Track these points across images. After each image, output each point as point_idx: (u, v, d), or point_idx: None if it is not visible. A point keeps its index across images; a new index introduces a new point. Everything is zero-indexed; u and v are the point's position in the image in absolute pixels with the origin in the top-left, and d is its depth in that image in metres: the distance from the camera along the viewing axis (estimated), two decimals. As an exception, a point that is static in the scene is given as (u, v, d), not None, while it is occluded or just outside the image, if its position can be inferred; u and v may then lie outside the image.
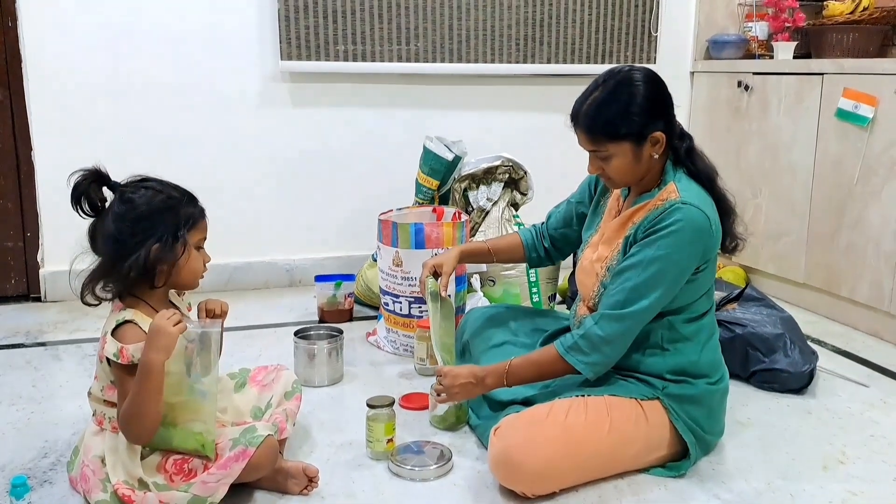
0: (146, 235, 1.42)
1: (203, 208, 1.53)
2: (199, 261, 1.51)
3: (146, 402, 1.37)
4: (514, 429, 1.58)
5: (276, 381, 1.71)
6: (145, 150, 2.79)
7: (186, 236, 1.46)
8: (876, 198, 2.52)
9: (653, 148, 1.61)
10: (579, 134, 1.63)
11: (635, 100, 1.58)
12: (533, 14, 3.04)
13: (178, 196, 1.48)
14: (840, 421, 1.96)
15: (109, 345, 1.41)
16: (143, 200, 1.45)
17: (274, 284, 3.06)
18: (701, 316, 1.68)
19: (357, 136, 3.04)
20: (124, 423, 1.40)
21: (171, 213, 1.45)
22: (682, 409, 1.65)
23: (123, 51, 2.75)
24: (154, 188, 1.47)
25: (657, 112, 1.60)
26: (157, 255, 1.43)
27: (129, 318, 1.44)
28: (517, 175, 2.70)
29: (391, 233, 2.32)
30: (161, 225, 1.43)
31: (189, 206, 1.49)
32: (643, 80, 1.60)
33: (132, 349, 1.40)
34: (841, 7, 3.04)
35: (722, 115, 3.17)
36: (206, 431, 1.43)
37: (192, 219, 1.48)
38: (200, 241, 1.52)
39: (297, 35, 2.82)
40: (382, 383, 2.14)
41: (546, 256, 2.02)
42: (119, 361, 1.40)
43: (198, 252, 1.51)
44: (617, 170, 1.63)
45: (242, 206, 2.95)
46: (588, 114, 1.60)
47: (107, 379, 1.47)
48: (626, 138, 1.59)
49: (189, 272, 1.49)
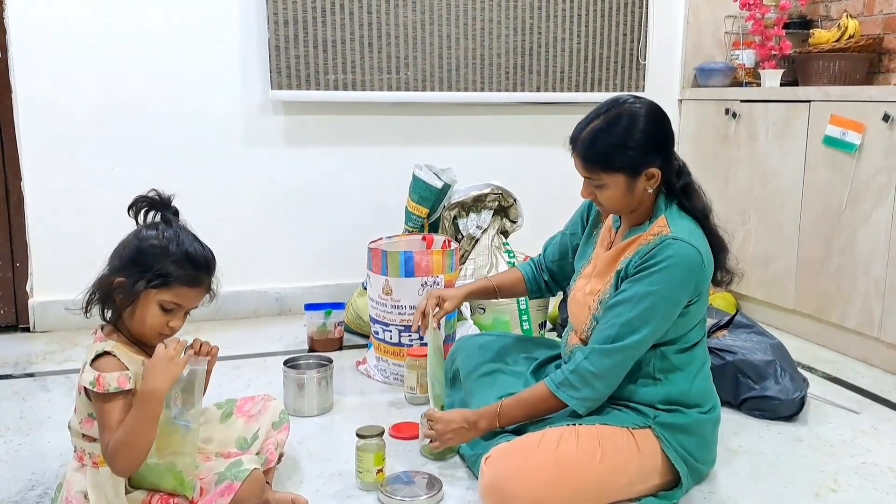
0: (124, 267, 1.43)
1: (200, 277, 1.46)
2: (157, 319, 1.44)
3: (141, 432, 1.35)
4: (505, 458, 1.57)
5: (263, 412, 1.69)
6: (135, 180, 2.77)
7: (145, 289, 1.41)
8: (864, 223, 2.53)
9: (647, 182, 1.62)
10: (576, 159, 1.64)
11: (634, 135, 1.58)
12: (522, 43, 3.07)
13: (171, 251, 1.43)
14: (831, 448, 1.95)
15: (86, 374, 1.39)
16: (143, 236, 1.45)
17: (263, 313, 3.04)
18: (693, 346, 1.68)
19: (347, 163, 3.05)
20: (114, 451, 1.36)
21: (151, 259, 1.42)
22: (674, 438, 1.64)
23: (113, 81, 2.76)
24: (161, 231, 1.46)
25: (655, 148, 1.61)
26: (115, 288, 1.43)
27: (108, 350, 1.42)
28: (507, 203, 2.71)
29: (381, 261, 2.32)
30: (137, 265, 1.42)
31: (176, 265, 1.43)
32: (644, 115, 1.60)
33: (109, 377, 1.38)
34: (827, 35, 3.08)
35: (710, 142, 3.20)
36: (186, 468, 1.41)
37: (165, 278, 1.42)
38: (172, 304, 1.44)
39: (288, 64, 2.83)
40: (372, 412, 2.13)
41: (546, 289, 2.03)
42: (95, 390, 1.37)
43: (161, 311, 1.44)
44: (609, 199, 1.64)
45: (232, 234, 2.94)
46: (586, 141, 1.61)
47: (84, 411, 1.44)
48: (620, 171, 1.59)
49: (140, 325, 1.44)
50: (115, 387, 1.37)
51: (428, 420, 1.76)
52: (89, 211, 2.76)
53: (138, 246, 1.44)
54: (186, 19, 2.80)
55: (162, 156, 2.85)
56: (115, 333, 1.47)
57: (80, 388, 1.44)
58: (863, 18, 3.14)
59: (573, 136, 1.64)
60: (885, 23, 3.07)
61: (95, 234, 2.63)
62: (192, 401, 1.42)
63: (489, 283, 2.04)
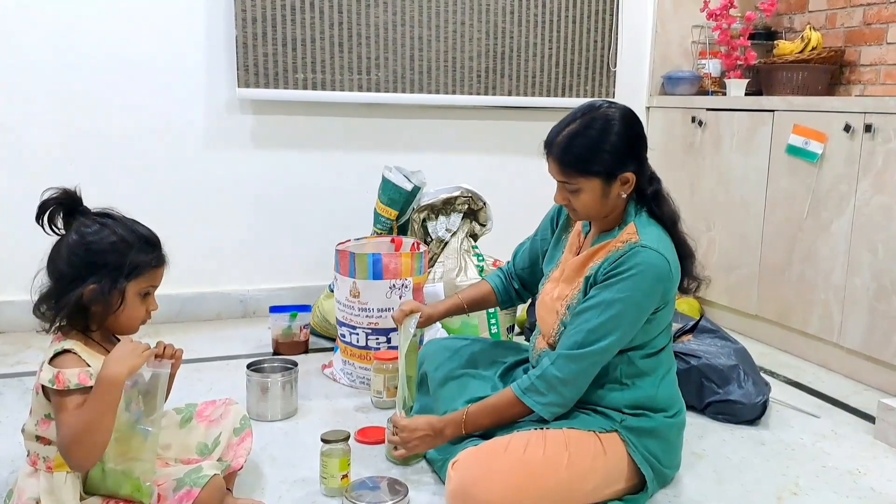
0: (86, 274, 1.37)
1: (161, 255, 1.45)
2: (139, 309, 1.43)
3: (99, 421, 1.30)
4: (472, 462, 1.56)
5: (224, 417, 1.65)
6: (97, 178, 2.72)
7: (126, 285, 1.39)
8: (825, 232, 2.58)
9: (622, 187, 1.62)
10: (550, 163, 1.64)
11: (610, 138, 1.58)
12: (494, 47, 3.07)
13: (132, 240, 1.40)
14: (793, 452, 1.98)
15: (45, 372, 1.35)
16: (94, 237, 1.39)
17: (227, 315, 2.99)
18: (659, 351, 1.69)
19: (315, 164, 3.01)
20: (71, 442, 1.31)
21: (117, 256, 1.38)
22: (640, 442, 1.65)
23: (74, 79, 2.69)
24: (109, 226, 1.40)
25: (630, 153, 1.61)
26: (90, 297, 1.37)
27: (68, 348, 1.37)
28: (476, 206, 2.71)
29: (349, 263, 2.29)
30: (103, 267, 1.37)
31: (141, 252, 1.41)
32: (620, 119, 1.60)
33: (69, 374, 1.33)
34: (790, 46, 3.14)
35: (677, 149, 3.23)
36: (143, 474, 1.37)
37: (139, 267, 1.40)
38: (147, 288, 1.44)
39: (255, 62, 2.80)
40: (338, 417, 2.10)
41: (517, 297, 2.03)
42: (55, 387, 1.33)
43: (141, 299, 1.43)
44: (583, 204, 1.63)
45: (195, 235, 2.89)
46: (562, 145, 1.60)
47: (41, 412, 1.39)
48: (596, 175, 1.59)
49: (126, 319, 1.42)
50: (75, 383, 1.33)
51: (393, 427, 1.74)
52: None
53: (94, 248, 1.38)
54: (151, 15, 2.74)
55: (124, 155, 2.78)
56: (74, 332, 1.42)
57: (37, 387, 1.39)
58: (825, 31, 3.21)
59: (548, 140, 1.64)
60: (846, 36, 3.14)
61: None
62: (153, 405, 1.38)
63: (459, 301, 2.01)
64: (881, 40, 3.00)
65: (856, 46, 3.10)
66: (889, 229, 2.35)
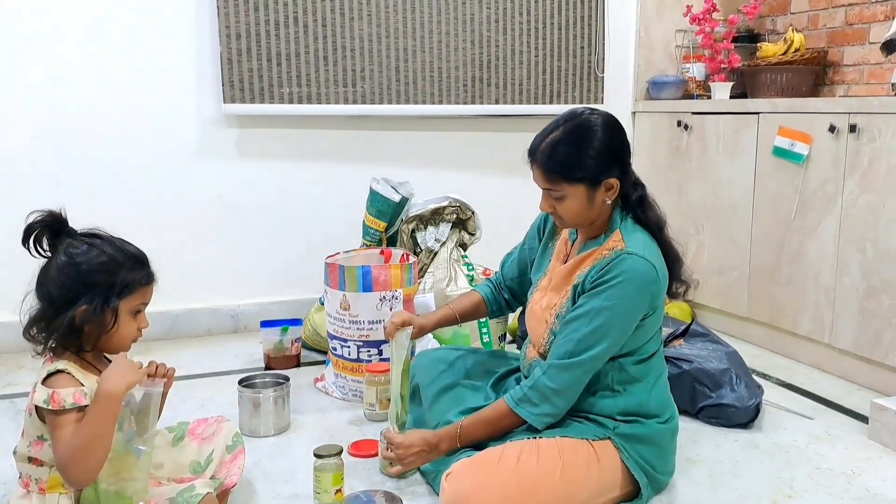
0: (77, 295, 1.37)
1: (150, 273, 1.47)
2: (131, 327, 1.44)
3: (98, 435, 1.31)
4: (465, 474, 1.56)
5: (216, 434, 1.65)
6: (84, 195, 2.71)
7: (118, 304, 1.40)
8: (813, 232, 2.59)
9: (606, 193, 1.63)
10: (535, 171, 1.64)
11: (593, 144, 1.59)
12: (480, 55, 3.08)
13: (122, 259, 1.42)
14: (786, 455, 1.98)
15: (39, 392, 1.35)
16: (84, 258, 1.39)
17: (218, 331, 2.98)
18: (650, 357, 1.69)
19: (303, 177, 3.01)
20: (70, 458, 1.31)
21: (107, 276, 1.39)
22: (634, 448, 1.65)
23: (59, 96, 2.68)
24: (98, 246, 1.41)
25: (613, 158, 1.62)
26: (83, 318, 1.37)
27: (61, 368, 1.38)
28: (465, 215, 2.71)
29: (338, 276, 2.29)
30: (94, 288, 1.38)
31: (132, 271, 1.42)
32: (602, 126, 1.62)
33: (64, 393, 1.34)
34: (774, 48, 3.16)
35: (663, 154, 3.25)
36: (136, 494, 1.37)
37: (130, 286, 1.41)
38: (138, 306, 1.45)
39: (241, 78, 2.79)
40: (331, 431, 2.09)
41: (507, 306, 2.03)
42: (50, 407, 1.33)
43: (132, 318, 1.44)
44: (569, 210, 1.64)
45: (185, 251, 2.88)
46: (546, 152, 1.61)
47: (34, 433, 1.39)
48: (581, 181, 1.60)
49: (119, 338, 1.43)
50: (70, 402, 1.34)
51: (388, 444, 1.73)
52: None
53: (84, 268, 1.39)
54: (137, 34, 2.74)
55: (111, 173, 2.78)
56: (66, 353, 1.42)
57: (30, 409, 1.39)
58: (808, 32, 3.23)
59: (532, 148, 1.65)
60: (829, 36, 3.16)
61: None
62: (146, 424, 1.38)
63: (451, 312, 2.01)
64: (864, 40, 3.03)
65: (839, 47, 3.12)
66: (876, 228, 2.36)
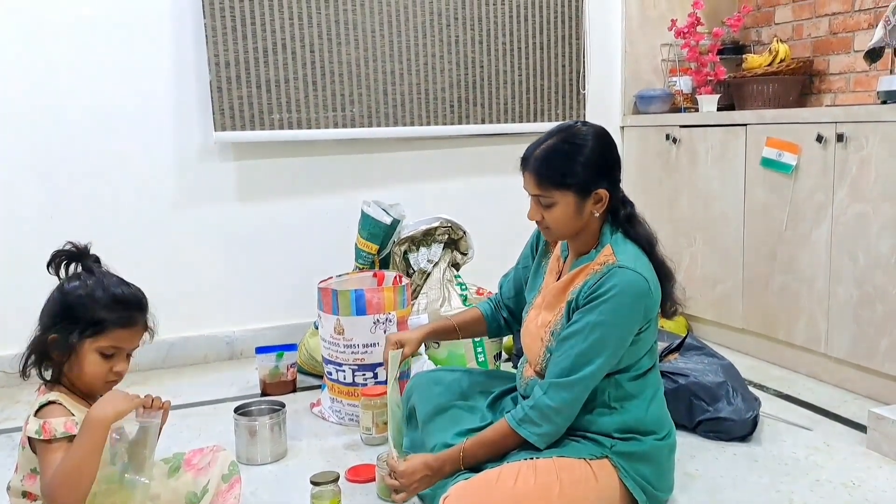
0: (54, 323, 1.42)
1: (132, 316, 1.45)
2: (99, 367, 1.43)
3: (84, 461, 1.30)
4: (463, 496, 1.54)
5: (212, 464, 1.64)
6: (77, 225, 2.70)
7: (81, 340, 1.40)
8: (805, 242, 2.59)
9: (595, 205, 1.64)
10: (527, 177, 1.66)
11: (585, 153, 1.62)
12: (465, 77, 3.10)
13: (99, 297, 1.43)
14: (786, 467, 1.97)
15: (31, 424, 1.36)
16: (69, 289, 1.44)
17: (213, 358, 2.97)
18: (646, 372, 1.69)
19: (294, 202, 3.02)
20: (55, 483, 1.31)
21: (81, 311, 1.41)
22: (632, 466, 1.64)
23: (51, 127, 2.69)
24: (84, 282, 1.44)
25: (604, 169, 1.65)
26: (51, 346, 1.41)
27: (53, 399, 1.40)
28: (456, 235, 2.71)
29: (331, 300, 2.28)
30: (67, 319, 1.41)
31: (106, 310, 1.42)
32: (594, 136, 1.65)
33: (55, 423, 1.35)
34: (759, 60, 3.18)
35: (653, 167, 3.26)
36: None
37: (99, 325, 1.41)
38: (111, 349, 1.44)
39: (231, 105, 2.81)
40: (328, 456, 2.08)
41: (506, 325, 2.02)
42: (42, 438, 1.34)
43: (102, 358, 1.43)
44: (556, 219, 1.65)
45: (179, 278, 2.88)
46: (539, 159, 1.63)
47: (28, 467, 1.40)
48: (571, 188, 1.62)
49: (88, 376, 1.43)
50: (61, 432, 1.35)
51: (391, 472, 1.72)
52: (26, 263, 2.66)
53: (64, 300, 1.43)
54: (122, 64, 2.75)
55: (106, 200, 2.78)
56: (59, 386, 1.44)
57: (23, 441, 1.40)
58: (792, 42, 3.26)
59: (525, 156, 1.67)
60: (813, 46, 3.19)
61: (32, 287, 2.52)
62: (143, 457, 1.38)
63: (449, 323, 2.01)
64: (848, 48, 3.05)
65: (824, 56, 3.15)
66: (868, 236, 2.37)
